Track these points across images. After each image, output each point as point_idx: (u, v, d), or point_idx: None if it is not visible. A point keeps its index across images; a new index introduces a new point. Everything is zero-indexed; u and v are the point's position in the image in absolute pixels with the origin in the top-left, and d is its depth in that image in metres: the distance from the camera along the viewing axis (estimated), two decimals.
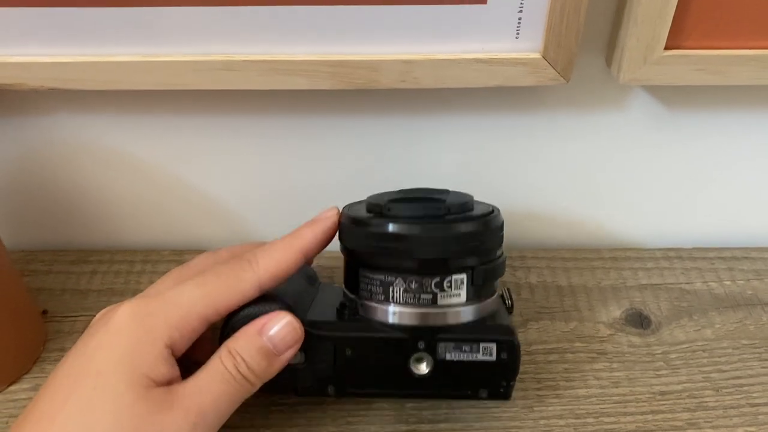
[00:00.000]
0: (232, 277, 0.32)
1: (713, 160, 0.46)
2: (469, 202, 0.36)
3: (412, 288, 0.34)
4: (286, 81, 0.38)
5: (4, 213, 0.48)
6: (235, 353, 0.31)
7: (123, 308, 0.31)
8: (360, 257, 0.35)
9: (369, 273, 0.34)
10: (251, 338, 0.32)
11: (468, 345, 0.34)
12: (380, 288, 0.34)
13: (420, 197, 0.36)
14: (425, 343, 0.34)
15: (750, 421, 0.38)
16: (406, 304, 0.34)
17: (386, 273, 0.34)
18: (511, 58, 0.37)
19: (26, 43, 0.37)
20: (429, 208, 0.34)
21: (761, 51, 0.38)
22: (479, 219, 0.34)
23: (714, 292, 0.46)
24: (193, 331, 0.31)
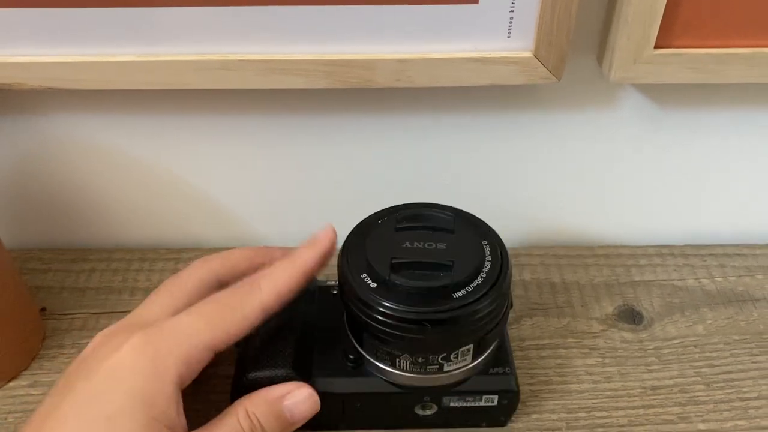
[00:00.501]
0: (237, 302, 0.32)
1: (704, 158, 0.47)
2: (479, 258, 0.33)
3: (419, 362, 0.34)
4: (282, 80, 0.38)
5: (2, 212, 0.48)
6: (253, 417, 0.31)
7: (130, 344, 0.30)
8: (364, 325, 0.33)
9: (374, 341, 0.34)
10: (272, 405, 0.32)
11: (471, 396, 0.36)
12: (386, 356, 0.34)
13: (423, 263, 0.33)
14: (431, 397, 0.36)
15: (740, 415, 0.39)
16: (413, 372, 0.34)
17: (392, 347, 0.33)
18: (503, 57, 0.38)
19: (25, 44, 0.38)
20: (436, 283, 0.32)
21: (750, 49, 0.38)
22: (489, 293, 0.32)
23: (706, 288, 0.46)
24: (200, 362, 0.31)
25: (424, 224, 0.35)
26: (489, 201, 0.43)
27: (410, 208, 0.36)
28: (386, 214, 0.36)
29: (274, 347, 0.35)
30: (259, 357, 0.35)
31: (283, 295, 0.32)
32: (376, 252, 0.33)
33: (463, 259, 0.33)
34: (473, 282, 0.33)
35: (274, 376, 0.34)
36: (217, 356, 0.31)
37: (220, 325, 0.31)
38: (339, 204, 0.48)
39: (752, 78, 0.39)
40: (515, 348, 0.42)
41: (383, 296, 0.32)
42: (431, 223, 0.35)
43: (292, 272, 0.33)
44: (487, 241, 0.35)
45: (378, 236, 0.34)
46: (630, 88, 0.42)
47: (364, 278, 0.33)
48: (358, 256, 0.34)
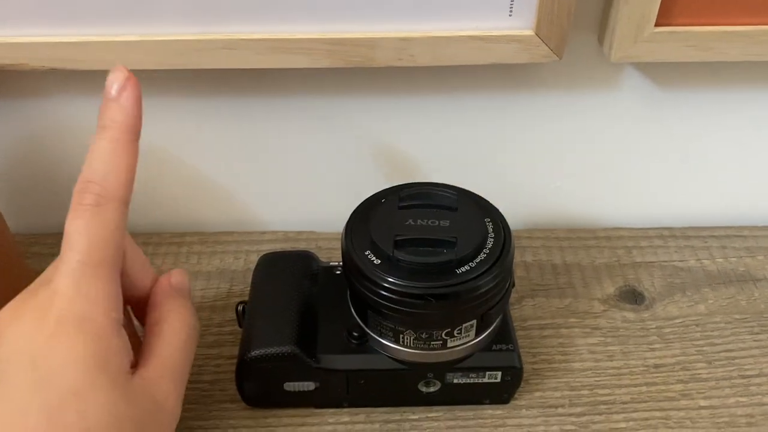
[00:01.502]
0: (96, 220, 0.30)
1: (706, 138, 0.47)
2: (482, 235, 0.34)
3: (423, 337, 0.34)
4: (285, 59, 0.38)
5: (6, 196, 0.48)
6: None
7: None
8: (368, 302, 0.34)
9: (378, 317, 0.34)
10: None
11: (475, 372, 0.36)
12: (390, 332, 0.34)
13: (427, 239, 0.33)
14: (434, 373, 0.36)
15: (741, 392, 0.39)
16: (416, 348, 0.35)
17: (396, 323, 0.34)
18: (504, 36, 0.38)
19: (27, 24, 0.38)
20: (439, 259, 0.32)
21: (749, 27, 0.38)
22: (492, 269, 0.32)
23: (707, 269, 0.47)
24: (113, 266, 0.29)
25: (427, 202, 0.35)
26: (489, 182, 0.43)
27: (413, 187, 0.36)
28: (389, 193, 0.37)
29: (276, 326, 0.36)
30: (261, 335, 0.35)
31: (130, 181, 0.31)
32: (379, 229, 0.34)
33: (466, 236, 0.33)
34: (476, 258, 0.33)
35: (277, 353, 0.35)
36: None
37: (97, 243, 0.29)
38: (341, 185, 0.48)
39: (752, 56, 0.39)
40: (517, 328, 0.42)
41: (387, 272, 0.32)
42: (434, 201, 0.35)
43: (122, 152, 0.31)
44: (489, 219, 0.35)
45: (381, 214, 0.35)
46: (630, 68, 0.43)
47: (368, 255, 0.33)
48: (361, 234, 0.34)
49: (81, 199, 0.30)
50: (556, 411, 0.38)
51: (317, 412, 0.38)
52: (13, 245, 0.40)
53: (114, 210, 0.30)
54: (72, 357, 0.27)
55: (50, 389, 0.27)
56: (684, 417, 0.38)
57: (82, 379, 0.27)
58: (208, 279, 0.46)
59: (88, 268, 0.29)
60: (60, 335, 0.28)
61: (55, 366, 0.27)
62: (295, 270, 0.39)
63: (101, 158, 0.30)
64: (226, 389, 0.39)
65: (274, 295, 0.37)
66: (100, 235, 0.30)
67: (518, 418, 0.37)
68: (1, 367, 0.28)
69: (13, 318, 0.29)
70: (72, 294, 0.28)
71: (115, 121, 0.30)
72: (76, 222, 0.30)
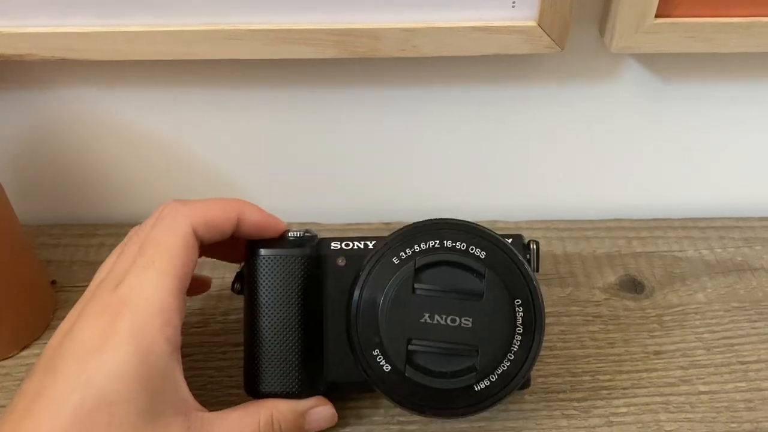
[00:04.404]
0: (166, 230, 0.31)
1: (706, 129, 0.47)
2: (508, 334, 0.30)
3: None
4: (291, 50, 0.39)
5: (13, 187, 0.48)
6: (277, 424, 0.33)
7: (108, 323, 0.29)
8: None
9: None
10: (298, 417, 0.34)
11: None
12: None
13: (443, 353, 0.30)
14: None
15: (740, 377, 0.39)
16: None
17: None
18: (507, 26, 0.38)
19: (37, 14, 0.38)
20: (456, 384, 0.30)
21: (748, 18, 0.39)
22: (515, 379, 0.31)
23: (705, 258, 0.47)
24: (177, 310, 0.30)
25: (448, 286, 0.30)
26: (491, 171, 0.43)
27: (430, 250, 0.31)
28: (400, 246, 0.31)
29: (283, 359, 0.34)
30: (265, 370, 0.34)
31: (213, 227, 0.32)
32: (390, 325, 0.30)
33: (489, 341, 0.30)
34: (497, 369, 0.30)
35: (285, 392, 0.34)
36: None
37: (174, 267, 0.31)
38: (345, 175, 0.49)
39: (751, 47, 0.40)
40: None
41: (399, 385, 0.30)
42: (457, 282, 0.30)
43: (227, 209, 0.33)
44: (520, 300, 0.31)
45: (392, 299, 0.30)
46: (631, 59, 0.43)
47: (377, 357, 0.31)
48: (370, 320, 0.31)
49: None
50: (558, 396, 0.38)
51: None
52: (22, 235, 0.41)
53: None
54: (116, 368, 0.28)
55: (88, 393, 0.28)
56: (684, 402, 0.38)
57: (118, 392, 0.28)
58: (213, 268, 0.46)
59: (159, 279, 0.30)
60: (114, 344, 0.28)
61: (98, 372, 0.28)
62: (294, 275, 0.34)
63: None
64: (232, 375, 0.39)
65: (275, 313, 0.34)
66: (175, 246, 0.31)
67: (520, 403, 0.38)
68: (57, 359, 0.29)
69: (81, 315, 0.31)
70: (135, 303, 0.29)
71: None
72: (154, 231, 0.32)
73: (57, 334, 0.31)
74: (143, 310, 0.29)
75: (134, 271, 0.30)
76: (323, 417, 0.35)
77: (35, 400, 0.28)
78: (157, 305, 0.30)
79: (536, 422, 0.37)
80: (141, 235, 0.33)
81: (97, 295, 0.31)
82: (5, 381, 0.39)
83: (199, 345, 0.41)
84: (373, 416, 0.37)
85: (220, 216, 0.33)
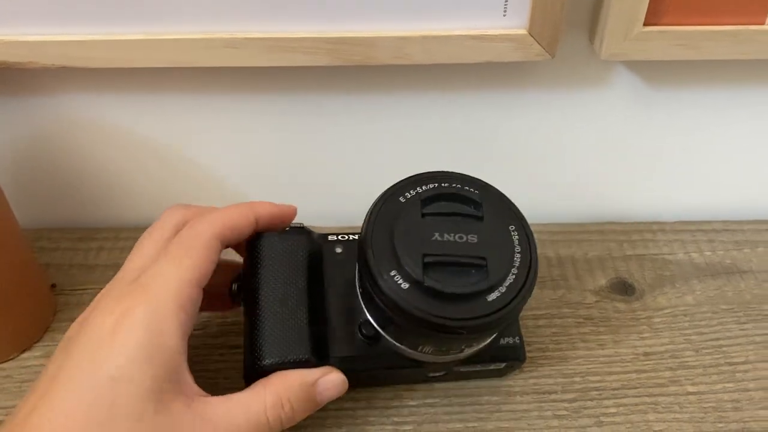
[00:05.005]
0: (193, 235, 0.33)
1: (694, 135, 0.48)
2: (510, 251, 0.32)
3: (443, 350, 0.34)
4: (286, 58, 0.40)
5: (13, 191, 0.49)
6: (285, 401, 0.32)
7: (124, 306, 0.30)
8: (391, 319, 0.32)
9: (399, 330, 0.33)
10: (307, 390, 0.33)
11: (482, 364, 0.37)
12: (409, 342, 0.34)
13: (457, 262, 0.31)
14: (444, 366, 0.37)
15: (728, 378, 0.40)
16: (434, 355, 0.35)
17: (419, 340, 0.33)
18: (499, 35, 0.39)
19: (37, 23, 0.39)
20: (471, 288, 0.31)
21: (735, 27, 0.40)
22: (521, 292, 0.32)
23: (695, 261, 0.48)
24: (192, 301, 0.31)
25: (452, 210, 0.33)
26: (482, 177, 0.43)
27: (432, 183, 0.34)
28: (406, 186, 0.34)
29: (287, 329, 0.34)
30: (273, 341, 0.34)
31: (234, 229, 0.34)
32: (405, 245, 0.32)
33: (494, 254, 0.32)
34: (505, 281, 0.32)
35: (292, 360, 0.33)
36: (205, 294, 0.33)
37: (194, 262, 0.32)
38: (341, 180, 0.49)
39: (739, 54, 0.41)
40: None
41: (417, 299, 0.31)
42: (459, 207, 0.33)
43: (243, 210, 0.34)
44: (514, 227, 0.33)
45: (404, 223, 0.32)
46: (620, 66, 0.44)
47: (395, 277, 0.31)
48: (384, 248, 0.32)
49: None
50: (550, 397, 0.39)
51: None
52: (22, 239, 0.41)
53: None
54: (125, 348, 0.29)
55: (96, 372, 0.29)
56: (672, 402, 0.39)
57: (124, 370, 0.29)
58: None
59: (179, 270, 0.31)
60: (127, 325, 0.29)
61: (109, 352, 0.29)
62: (296, 254, 0.36)
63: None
64: (229, 377, 0.40)
65: (279, 288, 0.35)
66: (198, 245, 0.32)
67: (513, 404, 0.39)
68: (74, 343, 0.30)
69: (99, 302, 0.32)
70: (154, 289, 0.31)
71: None
72: (179, 236, 0.33)
73: (76, 322, 0.32)
74: (161, 295, 0.30)
75: (157, 264, 0.32)
76: (334, 384, 0.33)
77: (52, 382, 0.29)
78: (175, 291, 0.30)
79: (528, 422, 0.38)
80: (155, 236, 0.34)
81: (117, 286, 0.33)
82: (6, 383, 0.40)
83: (198, 347, 0.42)
84: (368, 416, 0.38)
85: (238, 217, 0.34)
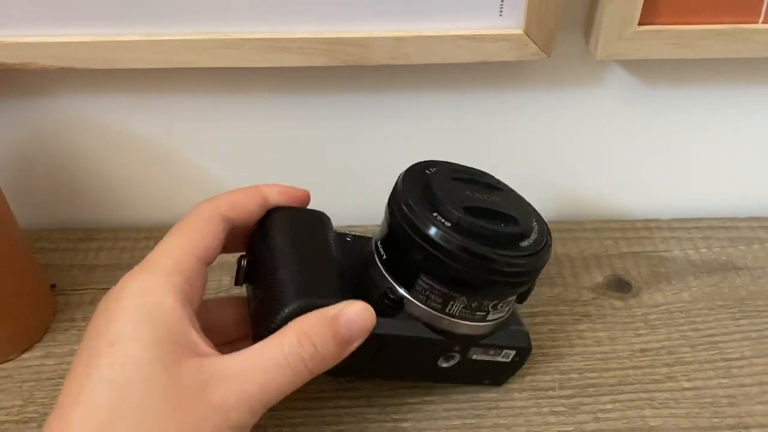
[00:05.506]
0: (198, 212, 0.33)
1: (689, 133, 0.48)
2: (529, 215, 0.36)
3: (472, 306, 0.34)
4: (282, 58, 0.40)
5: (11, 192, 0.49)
6: (305, 338, 0.29)
7: (126, 277, 0.30)
8: (428, 264, 0.33)
9: (433, 282, 0.33)
10: (326, 323, 0.30)
11: (494, 350, 0.37)
12: (440, 299, 0.34)
13: (492, 210, 0.34)
14: (461, 346, 0.36)
15: (724, 374, 0.41)
16: (460, 318, 0.35)
17: (453, 289, 0.33)
18: (494, 35, 0.39)
19: (36, 24, 0.39)
20: (507, 230, 0.33)
21: (728, 26, 0.40)
22: (545, 246, 0.34)
23: (691, 258, 0.48)
24: (192, 270, 0.31)
25: (476, 178, 0.36)
26: None
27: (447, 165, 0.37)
28: (429, 165, 0.36)
29: (314, 276, 0.33)
30: (301, 286, 0.32)
31: (237, 207, 0.33)
32: (442, 195, 0.33)
33: (519, 212, 0.35)
34: (531, 235, 0.34)
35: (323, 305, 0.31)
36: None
37: (192, 233, 0.32)
38: (337, 179, 0.50)
39: (732, 53, 0.41)
40: None
41: (461, 235, 0.32)
42: (481, 179, 0.36)
43: (249, 191, 0.34)
44: (527, 203, 0.37)
45: (437, 183, 0.34)
46: (616, 65, 0.44)
47: (437, 217, 0.32)
48: (421, 199, 0.33)
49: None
50: (547, 393, 0.39)
51: (317, 395, 0.39)
52: (22, 240, 0.42)
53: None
54: (119, 312, 0.29)
55: (101, 335, 0.28)
56: (669, 398, 0.39)
57: (120, 332, 0.28)
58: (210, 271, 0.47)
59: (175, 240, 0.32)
60: (123, 295, 0.29)
61: (107, 321, 0.29)
62: (313, 223, 0.36)
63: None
64: None
65: (300, 247, 0.34)
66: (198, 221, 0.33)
67: (511, 401, 0.39)
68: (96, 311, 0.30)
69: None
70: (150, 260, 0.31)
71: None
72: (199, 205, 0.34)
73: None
74: (154, 262, 0.30)
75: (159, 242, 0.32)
76: (357, 314, 0.30)
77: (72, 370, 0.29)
78: (168, 257, 0.30)
79: (526, 419, 0.38)
80: None
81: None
82: (6, 383, 0.40)
83: None
84: (367, 414, 0.38)
85: (243, 196, 0.34)
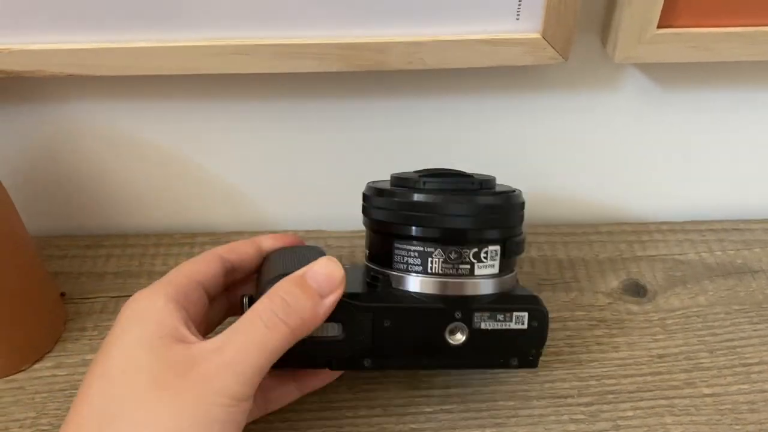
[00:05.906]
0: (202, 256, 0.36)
1: (705, 136, 0.48)
2: (493, 181, 0.38)
3: (452, 258, 0.35)
4: (297, 64, 0.39)
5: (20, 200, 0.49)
6: (274, 295, 0.30)
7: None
8: (396, 230, 0.35)
9: (406, 245, 0.35)
10: (294, 280, 0.31)
11: (502, 314, 0.36)
12: (418, 259, 0.35)
13: (449, 173, 0.37)
14: (462, 312, 0.35)
15: (743, 379, 0.40)
16: (445, 275, 0.35)
17: (425, 244, 0.35)
18: (512, 39, 0.39)
19: (46, 32, 0.38)
20: (461, 182, 0.36)
21: (747, 28, 0.40)
22: (507, 194, 0.36)
23: (706, 261, 0.48)
24: (187, 287, 0.33)
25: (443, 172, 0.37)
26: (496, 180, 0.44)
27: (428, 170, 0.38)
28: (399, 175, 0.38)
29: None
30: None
31: (234, 249, 0.37)
32: (402, 176, 0.37)
33: (482, 177, 0.37)
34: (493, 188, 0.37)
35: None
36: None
37: (190, 263, 0.35)
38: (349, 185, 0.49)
39: (751, 56, 0.41)
40: None
41: (419, 186, 0.35)
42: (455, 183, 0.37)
43: (245, 240, 0.38)
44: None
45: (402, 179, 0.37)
46: (633, 68, 0.44)
47: (396, 186, 0.37)
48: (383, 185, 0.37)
49: None
50: (566, 401, 0.39)
51: (334, 405, 0.39)
52: (31, 248, 0.41)
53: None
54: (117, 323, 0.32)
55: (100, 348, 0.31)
56: (689, 405, 0.39)
57: (113, 335, 0.31)
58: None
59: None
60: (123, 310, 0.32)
61: (111, 330, 0.32)
62: (311, 250, 0.38)
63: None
64: None
65: (292, 259, 0.36)
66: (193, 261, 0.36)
67: (529, 409, 0.39)
68: None
69: None
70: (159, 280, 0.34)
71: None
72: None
73: None
74: (156, 283, 0.33)
75: None
76: (322, 266, 0.31)
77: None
78: (168, 277, 0.34)
79: (545, 427, 0.38)
80: None
81: None
82: (19, 395, 0.39)
83: None
84: (385, 424, 0.38)
85: (239, 242, 0.38)
